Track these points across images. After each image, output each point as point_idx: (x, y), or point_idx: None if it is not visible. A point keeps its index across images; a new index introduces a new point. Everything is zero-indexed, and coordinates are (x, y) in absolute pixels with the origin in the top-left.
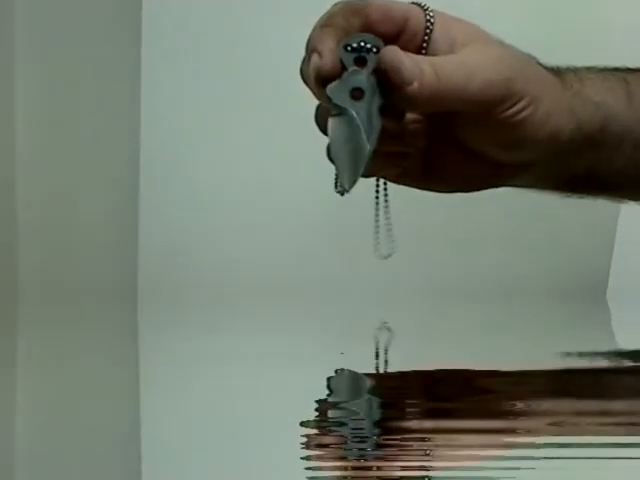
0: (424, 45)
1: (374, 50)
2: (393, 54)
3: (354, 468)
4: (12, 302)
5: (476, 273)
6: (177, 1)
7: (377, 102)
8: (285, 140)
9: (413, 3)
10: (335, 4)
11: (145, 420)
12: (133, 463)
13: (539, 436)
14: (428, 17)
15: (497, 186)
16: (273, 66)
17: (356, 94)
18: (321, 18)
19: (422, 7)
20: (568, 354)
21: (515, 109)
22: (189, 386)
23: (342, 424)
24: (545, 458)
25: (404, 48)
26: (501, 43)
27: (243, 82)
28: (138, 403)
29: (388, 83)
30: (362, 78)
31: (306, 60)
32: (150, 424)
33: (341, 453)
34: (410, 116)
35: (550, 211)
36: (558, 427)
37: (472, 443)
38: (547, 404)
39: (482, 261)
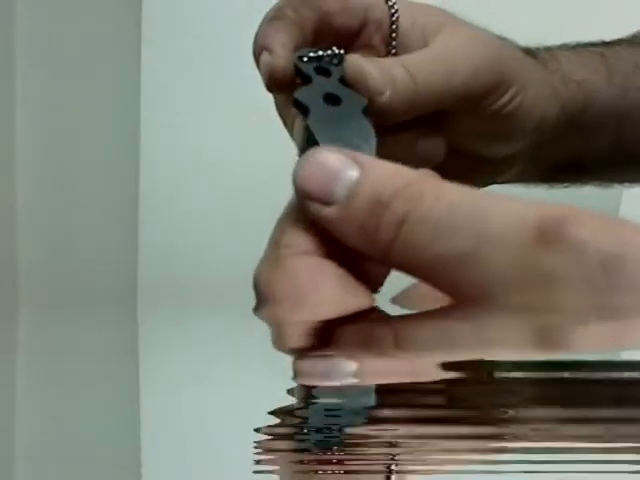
0: (393, 36)
1: (334, 62)
2: (356, 64)
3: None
4: (12, 302)
5: None
6: (177, 1)
7: (359, 106)
8: (287, 140)
9: None
10: None
11: (145, 420)
12: (133, 464)
13: (521, 442)
14: (390, 4)
15: (479, 186)
16: None
17: (331, 100)
18: (268, 12)
19: None
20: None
21: (504, 100)
22: (190, 386)
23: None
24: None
25: (370, 42)
26: (473, 26)
27: (244, 82)
28: (138, 403)
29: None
30: (334, 84)
31: (255, 60)
32: (150, 424)
33: (293, 458)
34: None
35: None
36: (541, 434)
37: (446, 448)
38: (533, 412)
39: None
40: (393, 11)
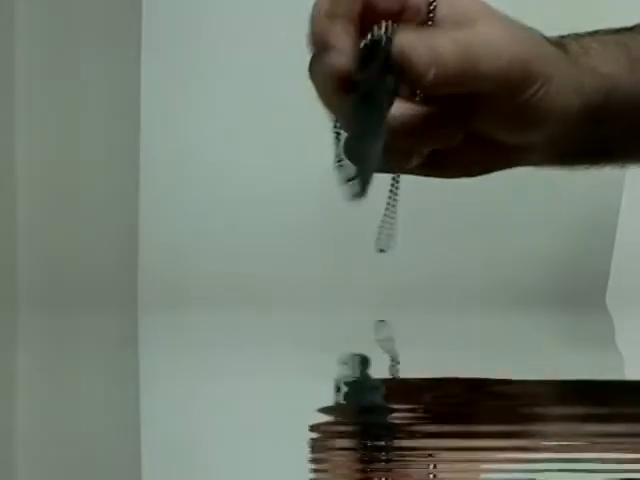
0: (429, 23)
1: (382, 43)
2: (404, 43)
3: (359, 471)
4: (12, 302)
5: (473, 276)
6: (178, 1)
7: (386, 94)
8: (288, 141)
9: None
10: None
11: (145, 419)
12: (132, 464)
13: (548, 441)
14: None
15: (501, 169)
16: (275, 67)
17: (364, 99)
18: (319, 4)
19: None
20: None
21: (531, 91)
22: (190, 389)
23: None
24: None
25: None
26: (507, 18)
27: (244, 82)
28: (138, 403)
29: (402, 73)
30: (373, 72)
31: (316, 58)
32: (150, 422)
33: (347, 458)
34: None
35: (549, 212)
36: (563, 434)
37: (481, 447)
38: (553, 410)
39: (479, 264)
40: None
